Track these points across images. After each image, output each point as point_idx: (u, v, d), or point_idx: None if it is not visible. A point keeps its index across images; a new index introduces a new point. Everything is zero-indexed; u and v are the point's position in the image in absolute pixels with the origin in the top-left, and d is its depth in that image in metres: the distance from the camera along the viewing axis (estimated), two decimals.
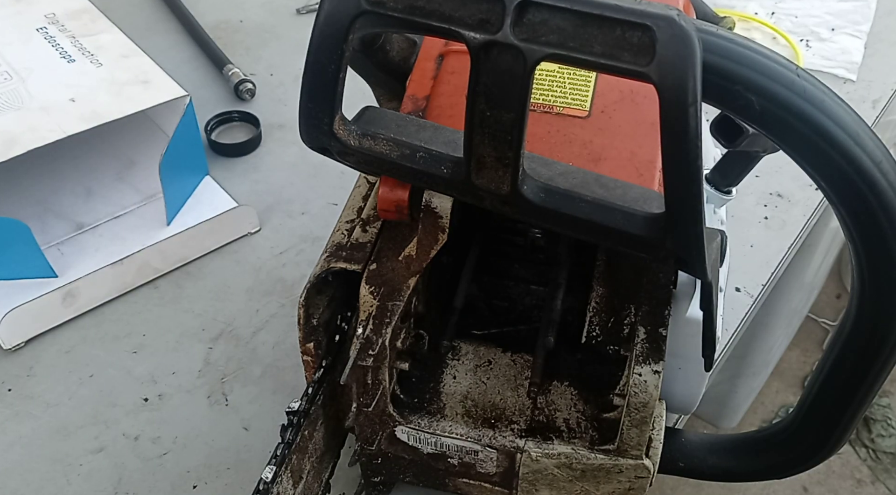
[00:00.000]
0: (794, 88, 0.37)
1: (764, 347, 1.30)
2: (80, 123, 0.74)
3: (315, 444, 0.55)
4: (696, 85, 0.36)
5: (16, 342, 0.74)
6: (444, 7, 0.39)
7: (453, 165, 0.45)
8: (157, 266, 0.79)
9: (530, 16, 0.37)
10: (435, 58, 0.57)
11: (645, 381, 0.48)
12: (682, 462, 0.57)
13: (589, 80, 0.55)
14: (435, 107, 0.54)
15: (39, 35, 0.84)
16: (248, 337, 0.75)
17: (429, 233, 0.50)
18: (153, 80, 0.79)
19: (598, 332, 0.51)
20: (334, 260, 0.53)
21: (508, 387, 0.56)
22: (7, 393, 0.71)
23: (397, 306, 0.51)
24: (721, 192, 0.64)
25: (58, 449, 0.67)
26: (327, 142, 0.46)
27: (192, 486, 0.65)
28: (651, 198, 0.44)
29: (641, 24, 0.35)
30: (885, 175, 0.39)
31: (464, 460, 0.55)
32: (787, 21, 1.12)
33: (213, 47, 1.03)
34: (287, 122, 0.95)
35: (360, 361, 0.51)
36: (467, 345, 0.57)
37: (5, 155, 0.70)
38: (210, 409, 0.70)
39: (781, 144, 0.39)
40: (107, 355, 0.74)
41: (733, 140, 0.54)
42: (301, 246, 0.83)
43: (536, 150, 0.47)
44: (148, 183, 0.83)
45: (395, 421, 0.54)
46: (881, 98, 1.02)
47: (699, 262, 0.42)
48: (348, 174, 0.56)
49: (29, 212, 0.81)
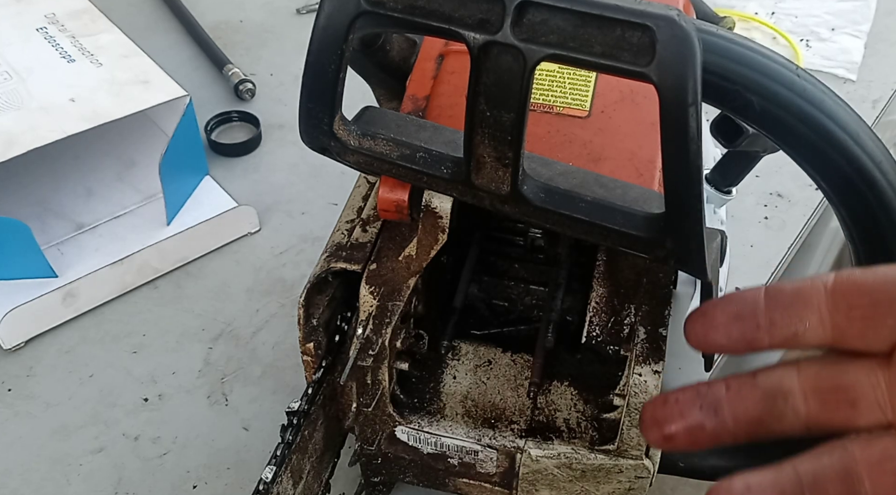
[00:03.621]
0: (794, 88, 0.37)
1: None
2: (80, 123, 0.74)
3: (315, 444, 0.55)
4: (696, 85, 0.36)
5: (16, 342, 0.74)
6: (444, 7, 0.39)
7: (453, 165, 0.45)
8: (157, 266, 0.79)
9: (530, 16, 0.37)
10: (435, 58, 0.57)
11: (645, 381, 0.48)
12: (682, 462, 0.57)
13: (589, 80, 0.55)
14: (435, 107, 0.54)
15: (39, 35, 0.84)
16: (248, 337, 0.75)
17: (429, 233, 0.50)
18: (153, 80, 0.79)
19: (598, 332, 0.51)
20: (334, 260, 0.53)
21: (508, 387, 0.56)
22: (7, 393, 0.71)
23: (397, 306, 0.51)
24: (721, 192, 0.64)
25: (58, 449, 0.67)
26: (327, 143, 0.46)
27: (192, 486, 0.65)
28: (651, 198, 0.44)
29: (641, 25, 0.35)
30: (885, 175, 0.39)
31: (464, 460, 0.55)
32: (787, 21, 1.12)
33: (213, 47, 1.03)
34: (287, 122, 0.95)
35: (360, 361, 0.51)
36: (467, 345, 0.57)
37: (5, 155, 0.70)
38: (210, 409, 0.70)
39: (781, 144, 0.39)
40: (107, 355, 0.74)
41: (733, 140, 0.54)
42: (301, 246, 0.83)
43: (536, 150, 0.47)
44: (148, 183, 0.83)
45: (395, 421, 0.54)
46: (881, 98, 1.02)
47: (699, 262, 0.42)
48: (348, 174, 0.56)
49: (29, 212, 0.81)
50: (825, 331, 0.28)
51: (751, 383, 0.29)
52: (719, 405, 0.29)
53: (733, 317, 0.29)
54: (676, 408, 0.29)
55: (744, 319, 0.29)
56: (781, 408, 0.28)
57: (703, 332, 0.30)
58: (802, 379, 0.28)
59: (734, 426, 0.29)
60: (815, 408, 0.28)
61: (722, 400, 0.29)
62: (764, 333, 0.29)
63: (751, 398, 0.29)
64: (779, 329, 0.28)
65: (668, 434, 0.29)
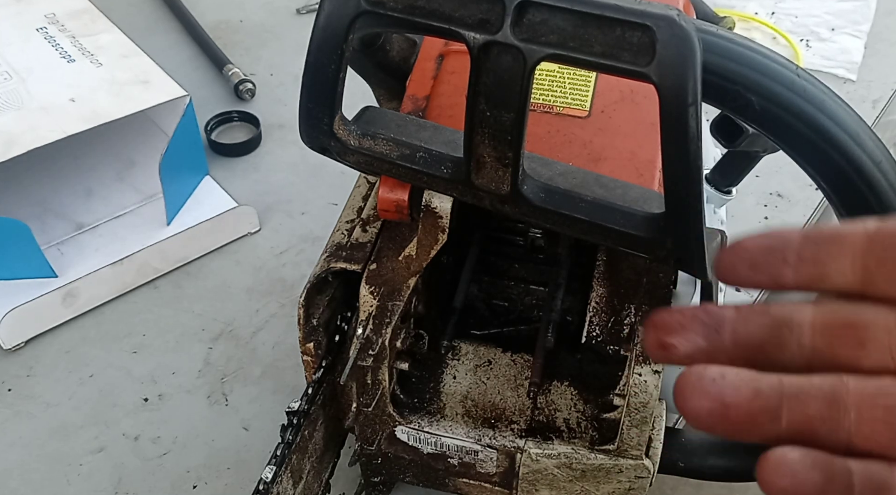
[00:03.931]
0: (794, 88, 0.37)
1: None
2: (80, 123, 0.74)
3: (315, 444, 0.55)
4: (696, 85, 0.36)
5: (16, 342, 0.74)
6: (444, 7, 0.39)
7: (453, 165, 0.45)
8: (157, 266, 0.79)
9: (530, 16, 0.37)
10: (435, 58, 0.57)
11: (645, 381, 0.48)
12: (682, 462, 0.57)
13: (589, 80, 0.55)
14: (435, 107, 0.54)
15: (39, 35, 0.84)
16: (248, 337, 0.75)
17: (429, 233, 0.50)
18: (153, 80, 0.79)
19: (598, 332, 0.51)
20: (334, 260, 0.53)
21: (508, 387, 0.56)
22: (7, 394, 0.71)
23: (397, 306, 0.51)
24: (721, 192, 0.64)
25: (58, 449, 0.67)
26: (327, 143, 0.46)
27: (192, 486, 0.65)
28: (651, 198, 0.44)
29: (641, 24, 0.35)
30: (885, 175, 0.39)
31: (464, 460, 0.55)
32: (787, 21, 1.12)
33: (213, 47, 1.03)
34: (287, 122, 0.95)
35: (360, 361, 0.51)
36: (467, 345, 0.57)
37: (5, 155, 0.70)
38: (210, 409, 0.70)
39: (781, 144, 0.39)
40: (107, 355, 0.74)
41: (733, 140, 0.54)
42: (301, 246, 0.83)
43: (536, 150, 0.47)
44: (148, 183, 0.83)
45: (395, 421, 0.54)
46: (881, 98, 1.02)
47: (699, 262, 0.42)
48: (348, 174, 0.56)
49: (29, 212, 0.80)
50: (854, 274, 0.27)
51: (761, 310, 0.28)
52: (722, 324, 0.28)
53: (764, 250, 0.28)
54: (679, 319, 0.28)
55: (773, 253, 0.27)
56: (786, 338, 0.27)
57: (729, 262, 0.28)
58: (815, 314, 0.27)
59: (732, 347, 0.27)
60: (822, 343, 0.27)
61: (726, 321, 0.28)
62: (790, 269, 0.27)
63: (756, 323, 0.27)
64: (806, 266, 0.27)
65: (664, 342, 0.28)
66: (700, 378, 0.26)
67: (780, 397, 0.26)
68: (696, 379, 0.26)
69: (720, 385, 0.26)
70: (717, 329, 0.28)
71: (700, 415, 0.26)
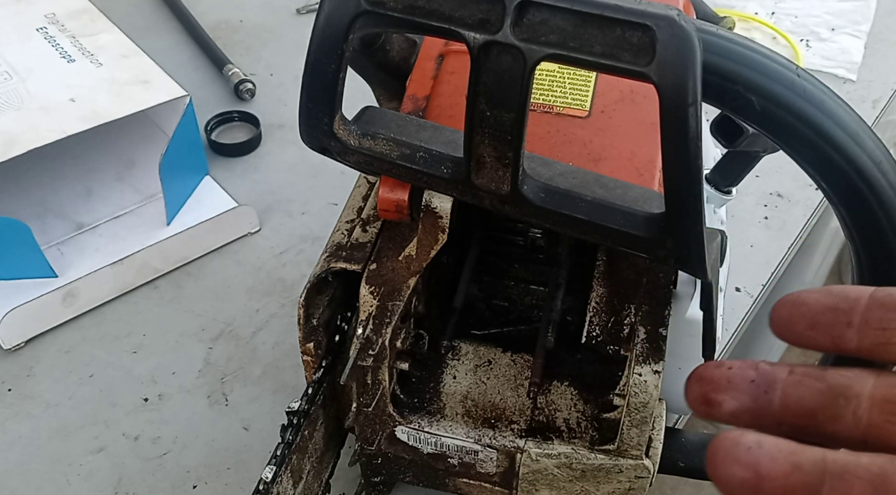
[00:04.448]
0: (794, 88, 0.37)
1: (764, 347, 1.30)
2: (80, 123, 0.74)
3: (315, 444, 0.55)
4: (696, 85, 0.36)
5: (16, 342, 0.74)
6: (444, 7, 0.39)
7: (453, 165, 0.45)
8: (157, 266, 0.79)
9: (530, 16, 0.37)
10: (435, 58, 0.57)
11: (645, 381, 0.48)
12: (682, 462, 0.57)
13: (589, 80, 0.55)
14: (435, 107, 0.54)
15: (39, 35, 0.84)
16: (248, 337, 0.75)
17: (429, 233, 0.50)
18: (153, 80, 0.79)
19: (598, 332, 0.51)
20: (334, 260, 0.53)
21: (508, 387, 0.56)
22: (7, 393, 0.71)
23: (397, 306, 0.51)
24: (721, 192, 0.64)
25: (58, 449, 0.67)
26: (327, 142, 0.46)
27: (192, 486, 0.65)
28: (651, 198, 0.44)
29: (641, 24, 0.35)
30: (885, 175, 0.39)
31: (464, 460, 0.55)
32: (787, 21, 1.12)
33: (213, 47, 1.03)
34: (287, 122, 0.95)
35: (360, 361, 0.51)
36: (467, 345, 0.57)
37: (5, 155, 0.70)
38: (210, 409, 0.70)
39: (781, 144, 0.39)
40: (107, 355, 0.74)
41: (733, 140, 0.54)
42: (301, 246, 0.83)
43: (536, 150, 0.47)
44: (148, 183, 0.83)
45: (395, 421, 0.54)
46: (881, 98, 1.02)
47: (699, 262, 0.42)
48: (348, 174, 0.56)
49: (29, 212, 0.80)
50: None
51: (817, 374, 0.26)
52: (773, 385, 0.26)
53: (826, 309, 0.26)
54: (727, 374, 0.26)
55: (836, 313, 0.25)
56: (841, 408, 0.25)
57: (787, 318, 0.26)
58: (877, 387, 0.25)
59: (781, 411, 0.26)
60: (879, 419, 0.25)
61: (778, 382, 0.26)
62: (854, 333, 0.25)
63: (811, 388, 0.25)
64: (872, 332, 0.25)
65: (709, 398, 0.26)
66: (735, 444, 0.25)
67: (823, 474, 0.24)
68: (731, 445, 0.25)
69: (756, 454, 0.24)
70: (766, 389, 0.26)
71: (731, 484, 0.24)
